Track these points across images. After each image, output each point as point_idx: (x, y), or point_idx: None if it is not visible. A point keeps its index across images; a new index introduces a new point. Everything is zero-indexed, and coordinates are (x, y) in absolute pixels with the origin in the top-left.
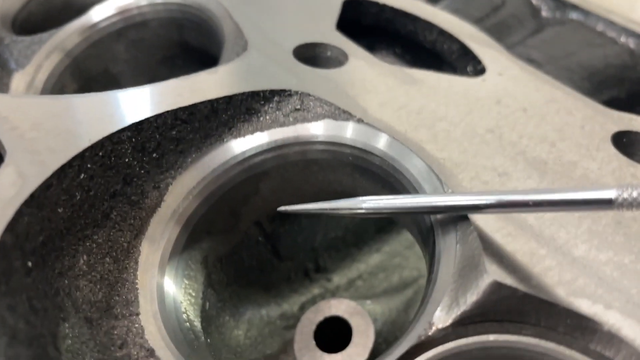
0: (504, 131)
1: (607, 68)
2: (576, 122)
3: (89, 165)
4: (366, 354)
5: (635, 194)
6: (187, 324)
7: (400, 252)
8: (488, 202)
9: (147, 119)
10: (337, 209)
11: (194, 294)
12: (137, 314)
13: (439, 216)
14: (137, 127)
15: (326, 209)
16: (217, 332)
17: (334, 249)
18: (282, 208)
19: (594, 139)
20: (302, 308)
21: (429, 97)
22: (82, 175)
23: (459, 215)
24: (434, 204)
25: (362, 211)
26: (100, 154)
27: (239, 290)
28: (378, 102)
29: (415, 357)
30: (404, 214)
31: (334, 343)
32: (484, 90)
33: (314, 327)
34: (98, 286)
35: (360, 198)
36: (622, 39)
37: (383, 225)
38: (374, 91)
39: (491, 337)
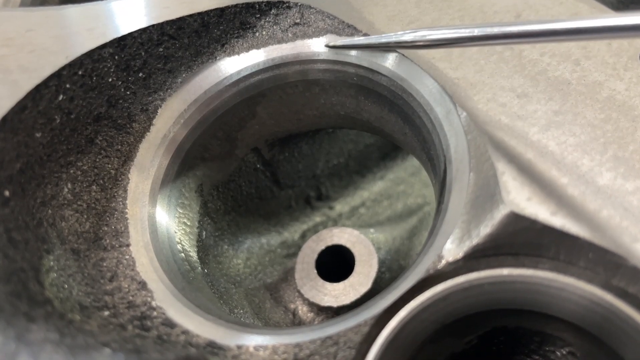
0: (524, 48)
1: None
2: None
3: (67, 86)
4: (369, 283)
5: None
6: (182, 254)
7: (405, 179)
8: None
9: (130, 34)
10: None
11: (189, 224)
12: (128, 245)
13: (451, 142)
14: (120, 43)
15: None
16: (214, 261)
17: (337, 176)
18: (332, 43)
19: (622, 57)
20: (304, 236)
21: (442, 10)
22: (60, 97)
23: (473, 138)
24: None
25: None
26: (80, 72)
27: (237, 218)
28: (386, 15)
29: (423, 291)
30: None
31: (336, 272)
32: (502, 2)
33: (315, 255)
34: (85, 216)
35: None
36: None
37: (387, 152)
38: (382, 3)
39: (505, 271)
